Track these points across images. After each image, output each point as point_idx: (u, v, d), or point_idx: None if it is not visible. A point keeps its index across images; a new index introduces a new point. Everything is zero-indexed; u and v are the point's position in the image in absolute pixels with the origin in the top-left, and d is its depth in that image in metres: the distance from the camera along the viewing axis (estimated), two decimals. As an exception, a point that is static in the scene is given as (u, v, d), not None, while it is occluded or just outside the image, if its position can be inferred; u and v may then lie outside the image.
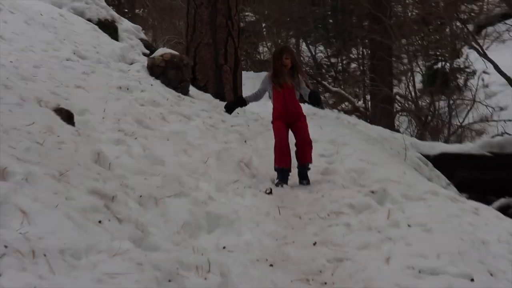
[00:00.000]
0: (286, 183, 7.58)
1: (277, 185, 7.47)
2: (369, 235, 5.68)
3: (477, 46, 13.60)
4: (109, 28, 12.92)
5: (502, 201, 12.63)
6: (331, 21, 25.04)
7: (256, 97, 8.11)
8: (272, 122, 7.92)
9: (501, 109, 20.01)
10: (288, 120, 7.77)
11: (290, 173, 7.73)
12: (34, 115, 6.00)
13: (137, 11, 30.91)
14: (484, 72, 19.53)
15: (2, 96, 6.16)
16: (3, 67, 7.86)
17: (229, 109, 8.30)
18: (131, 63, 11.32)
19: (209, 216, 5.69)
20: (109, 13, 13.42)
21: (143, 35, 13.92)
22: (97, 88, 8.79)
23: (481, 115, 19.46)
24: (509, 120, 17.72)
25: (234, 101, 8.62)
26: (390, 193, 6.64)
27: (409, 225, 5.73)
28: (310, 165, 7.75)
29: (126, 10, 25.96)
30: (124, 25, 13.47)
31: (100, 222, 4.28)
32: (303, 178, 7.73)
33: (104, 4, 13.68)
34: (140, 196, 5.46)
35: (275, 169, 7.69)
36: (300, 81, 7.79)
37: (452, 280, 4.71)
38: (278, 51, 8.01)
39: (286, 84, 7.74)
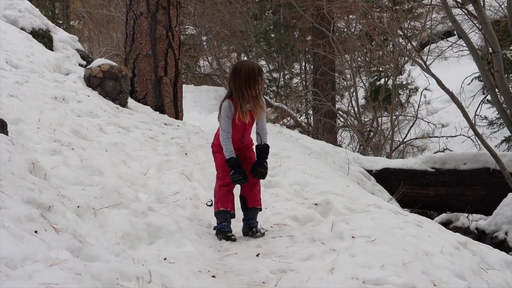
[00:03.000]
0: (230, 230, 6.17)
1: (219, 236, 6.12)
2: (313, 247, 5.64)
3: (420, 61, 13.77)
4: (43, 37, 12.62)
5: (443, 216, 12.78)
6: (273, 35, 25.12)
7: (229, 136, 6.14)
8: (216, 152, 6.31)
9: (443, 126, 20.38)
10: (237, 151, 6.18)
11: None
12: (-34, 123, 5.77)
13: (72, 22, 30.53)
14: (426, 89, 19.84)
15: None
16: None
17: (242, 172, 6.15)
18: (67, 74, 11.07)
19: (150, 228, 5.58)
20: (44, 22, 13.11)
21: (79, 46, 13.63)
22: (31, 98, 8.55)
23: (423, 132, 19.75)
24: (451, 137, 18.00)
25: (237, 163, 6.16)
26: (333, 205, 6.62)
27: (353, 237, 5.70)
28: (259, 210, 6.32)
29: (60, 22, 25.58)
30: (60, 35, 13.17)
31: (36, 232, 4.10)
32: (252, 227, 6.20)
33: (39, 13, 13.37)
34: (78, 206, 5.33)
35: (215, 214, 6.24)
36: (263, 113, 6.27)
37: (397, 290, 4.69)
38: (256, 70, 6.10)
39: (255, 115, 6.18)
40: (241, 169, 6.08)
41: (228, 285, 4.77)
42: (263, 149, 6.24)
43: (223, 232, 6.10)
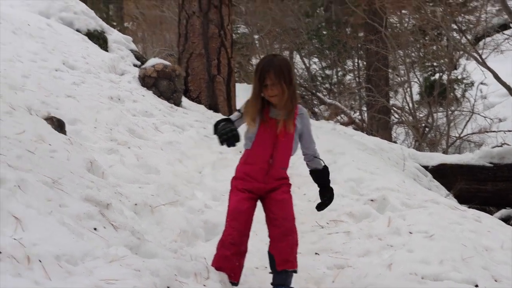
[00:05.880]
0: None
1: None
2: (370, 243, 5.63)
3: (476, 55, 13.52)
4: (98, 38, 12.79)
5: (502, 212, 12.51)
6: (325, 32, 24.99)
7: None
8: (232, 186, 4.64)
9: (500, 120, 19.95)
10: (262, 187, 4.55)
11: None
12: (25, 124, 5.88)
13: (126, 24, 30.87)
14: (482, 83, 19.48)
15: (-9, 105, 6.04)
16: (-9, 77, 7.73)
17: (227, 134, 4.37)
18: (122, 74, 11.18)
19: (206, 225, 5.63)
20: (98, 23, 13.29)
21: (133, 46, 13.78)
22: (87, 98, 8.68)
23: (480, 126, 19.39)
24: (509, 131, 17.63)
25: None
26: (390, 201, 6.56)
27: (410, 232, 5.66)
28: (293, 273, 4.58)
29: (114, 23, 25.88)
30: (114, 36, 13.33)
31: (95, 229, 4.16)
32: None
33: (93, 14, 13.54)
34: (135, 204, 5.41)
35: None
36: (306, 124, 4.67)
37: (456, 286, 4.68)
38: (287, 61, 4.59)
39: (286, 123, 4.48)
40: (233, 125, 4.41)
41: (285, 281, 4.75)
42: (325, 173, 4.84)
43: None
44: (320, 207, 4.80)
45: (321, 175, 4.80)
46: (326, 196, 4.79)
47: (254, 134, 4.50)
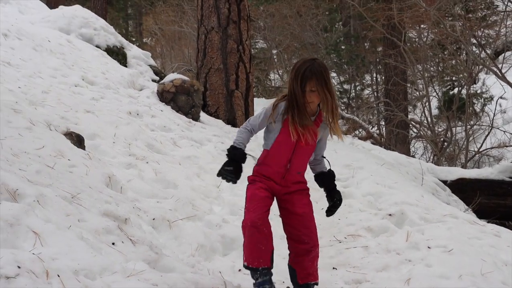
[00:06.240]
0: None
1: None
2: (388, 257, 5.59)
3: (495, 69, 13.45)
4: (117, 54, 12.90)
5: (522, 227, 12.42)
6: (343, 47, 25.03)
7: (249, 136, 4.62)
8: (250, 181, 4.59)
9: (519, 134, 19.86)
10: (278, 189, 4.53)
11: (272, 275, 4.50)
12: (44, 139, 5.94)
13: (145, 39, 31.08)
14: (502, 97, 19.39)
15: (11, 120, 6.10)
16: (12, 92, 7.80)
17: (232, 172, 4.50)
18: (141, 89, 11.26)
19: (224, 239, 5.63)
20: (118, 39, 13.41)
21: (152, 62, 13.88)
22: (106, 113, 8.73)
23: (499, 141, 19.28)
24: (528, 145, 17.56)
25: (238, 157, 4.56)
26: (408, 216, 6.53)
27: (429, 247, 5.63)
28: (314, 285, 4.62)
29: (134, 39, 26.08)
30: (133, 51, 13.45)
31: (113, 244, 4.19)
32: None
33: (113, 30, 13.67)
34: (153, 219, 5.43)
35: (246, 268, 4.44)
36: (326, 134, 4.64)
37: (476, 301, 4.61)
38: (306, 67, 4.35)
39: (309, 130, 4.43)
40: (239, 167, 4.49)
41: (303, 296, 4.74)
42: (331, 176, 4.80)
43: None
44: (330, 210, 4.73)
45: (327, 178, 4.74)
46: (336, 198, 4.70)
47: (275, 136, 4.46)
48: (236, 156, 4.49)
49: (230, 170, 4.43)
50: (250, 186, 4.51)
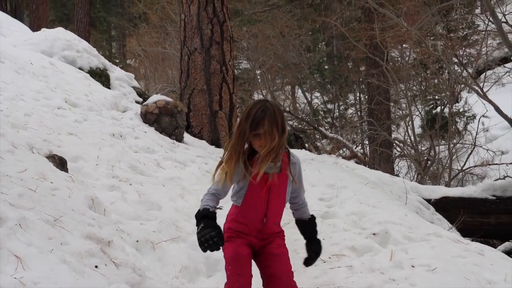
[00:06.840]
0: None
1: None
2: (372, 277, 5.59)
3: (477, 88, 13.58)
4: (100, 76, 12.89)
5: (506, 245, 12.45)
6: (326, 67, 25.18)
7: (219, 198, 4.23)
8: (226, 240, 4.08)
9: (502, 153, 19.96)
10: (255, 242, 4.28)
11: None
12: (26, 162, 5.91)
13: (128, 61, 31.09)
14: (484, 116, 19.52)
15: (-7, 143, 6.06)
16: (-6, 116, 7.78)
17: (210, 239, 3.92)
18: (124, 111, 11.24)
19: (208, 261, 5.62)
20: (101, 61, 13.40)
21: (135, 83, 13.88)
22: (89, 135, 8.71)
23: (482, 159, 19.39)
24: (511, 164, 17.62)
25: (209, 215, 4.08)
26: (392, 235, 6.53)
27: (413, 266, 5.63)
28: None
29: (117, 61, 26.09)
30: (116, 73, 13.44)
31: (96, 267, 4.16)
32: None
33: (96, 52, 13.67)
34: (137, 241, 5.42)
35: None
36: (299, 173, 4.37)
37: (460, 320, 4.62)
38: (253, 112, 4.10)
39: (275, 174, 4.16)
40: (215, 224, 4.00)
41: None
42: (312, 224, 4.54)
43: None
44: (307, 262, 4.46)
45: (308, 227, 4.49)
46: (314, 251, 4.45)
47: (244, 191, 4.18)
48: (209, 214, 4.05)
49: (216, 233, 3.92)
50: (229, 245, 4.13)
